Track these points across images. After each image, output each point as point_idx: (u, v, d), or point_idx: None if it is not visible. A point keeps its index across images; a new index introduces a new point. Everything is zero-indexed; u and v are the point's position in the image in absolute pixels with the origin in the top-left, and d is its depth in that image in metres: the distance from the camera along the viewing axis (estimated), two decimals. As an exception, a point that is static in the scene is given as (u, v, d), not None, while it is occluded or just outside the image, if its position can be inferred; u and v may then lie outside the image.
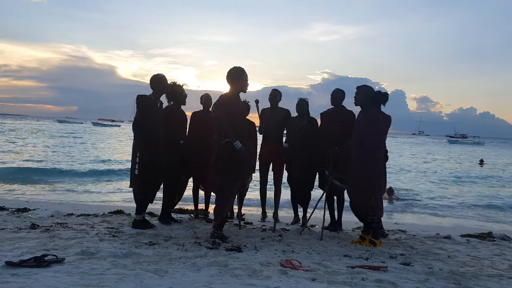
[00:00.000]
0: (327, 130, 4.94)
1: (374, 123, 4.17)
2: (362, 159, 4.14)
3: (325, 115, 5.09)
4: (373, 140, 4.15)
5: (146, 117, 4.32)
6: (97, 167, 13.75)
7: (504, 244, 4.72)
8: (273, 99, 5.41)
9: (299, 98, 5.26)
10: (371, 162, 4.12)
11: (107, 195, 8.85)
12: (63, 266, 2.89)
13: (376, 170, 4.16)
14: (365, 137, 4.15)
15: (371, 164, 4.12)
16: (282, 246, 3.90)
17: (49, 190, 8.84)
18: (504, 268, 3.58)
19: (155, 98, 4.47)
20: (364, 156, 4.13)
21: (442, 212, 8.67)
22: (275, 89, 5.50)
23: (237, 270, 2.98)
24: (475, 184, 15.00)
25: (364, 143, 4.15)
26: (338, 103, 5.01)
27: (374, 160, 4.15)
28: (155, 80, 4.49)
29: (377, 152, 4.19)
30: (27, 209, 5.47)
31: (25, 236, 3.76)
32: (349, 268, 3.21)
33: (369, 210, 4.17)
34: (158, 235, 4.08)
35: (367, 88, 4.35)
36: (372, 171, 4.12)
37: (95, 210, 5.82)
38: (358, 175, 4.17)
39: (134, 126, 4.39)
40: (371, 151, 4.14)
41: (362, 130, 4.20)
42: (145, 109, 4.33)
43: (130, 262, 3.09)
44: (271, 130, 5.39)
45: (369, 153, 4.13)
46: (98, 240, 3.74)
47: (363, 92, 4.32)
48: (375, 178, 4.14)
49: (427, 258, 3.78)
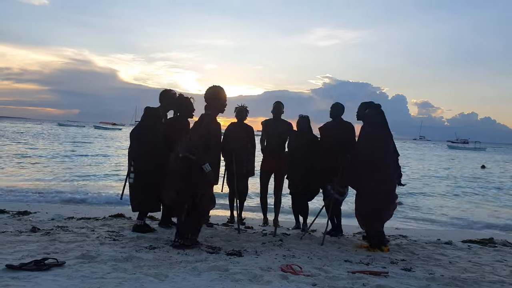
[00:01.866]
0: (327, 144, 4.97)
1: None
2: (392, 169, 4.40)
3: (324, 128, 5.13)
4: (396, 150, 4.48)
5: (148, 128, 4.33)
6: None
7: (505, 250, 4.70)
8: (277, 111, 5.45)
9: (300, 116, 5.24)
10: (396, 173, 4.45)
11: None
12: (64, 270, 2.89)
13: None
14: (393, 147, 4.43)
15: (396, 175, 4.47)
16: (282, 251, 3.89)
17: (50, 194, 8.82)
18: (505, 274, 3.56)
19: (162, 112, 4.49)
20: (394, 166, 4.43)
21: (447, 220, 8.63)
22: (279, 101, 5.55)
23: (237, 274, 2.98)
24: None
25: (393, 153, 4.43)
26: (337, 116, 5.05)
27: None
28: (165, 96, 4.49)
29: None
30: (28, 212, 5.47)
31: (25, 239, 3.76)
32: (349, 273, 3.20)
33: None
34: (158, 239, 4.08)
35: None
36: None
37: (96, 213, 5.82)
38: (388, 186, 4.36)
39: (132, 133, 4.39)
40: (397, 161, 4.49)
41: (388, 142, 4.43)
42: (150, 121, 4.34)
43: (131, 266, 3.09)
44: (274, 141, 5.42)
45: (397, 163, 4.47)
46: (98, 243, 3.74)
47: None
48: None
49: (428, 264, 3.77)
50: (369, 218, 4.32)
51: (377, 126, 4.42)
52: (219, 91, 4.02)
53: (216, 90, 4.01)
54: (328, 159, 4.76)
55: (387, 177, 4.30)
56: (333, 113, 5.05)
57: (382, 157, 4.32)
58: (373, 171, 4.25)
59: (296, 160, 5.11)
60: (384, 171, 4.28)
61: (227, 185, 5.38)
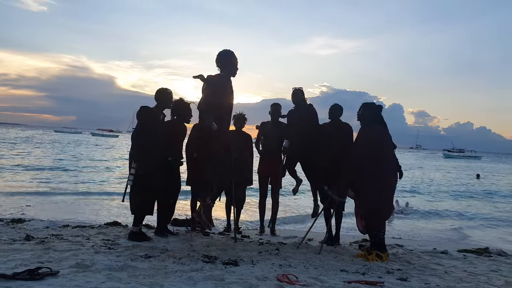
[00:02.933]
0: (326, 143, 4.94)
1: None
2: (393, 174, 4.43)
3: (323, 128, 5.11)
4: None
5: (146, 128, 4.34)
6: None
7: (500, 260, 4.71)
8: (275, 113, 5.44)
9: (294, 88, 5.15)
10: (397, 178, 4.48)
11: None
12: (58, 279, 2.86)
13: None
14: (392, 153, 4.50)
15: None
16: (279, 260, 3.87)
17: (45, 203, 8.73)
18: (500, 284, 3.57)
19: (158, 111, 4.49)
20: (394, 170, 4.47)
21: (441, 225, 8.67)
22: (277, 103, 5.52)
23: (233, 284, 2.96)
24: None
25: (393, 159, 4.48)
26: (335, 118, 5.06)
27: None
28: (161, 94, 4.51)
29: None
30: (22, 220, 5.43)
31: (19, 248, 3.72)
32: (345, 283, 3.19)
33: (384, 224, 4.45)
34: (154, 248, 4.05)
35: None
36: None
37: (91, 221, 5.78)
38: (388, 191, 4.40)
39: (133, 136, 4.40)
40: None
41: (389, 147, 4.50)
42: (146, 120, 4.34)
43: (126, 275, 3.06)
44: (271, 143, 5.40)
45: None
46: (93, 252, 3.71)
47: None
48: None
49: (424, 274, 3.77)
50: (370, 217, 4.32)
51: (373, 124, 4.46)
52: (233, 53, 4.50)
53: (231, 52, 4.49)
54: (326, 159, 4.78)
55: (384, 174, 4.33)
56: (331, 115, 5.07)
57: (379, 155, 4.34)
58: (371, 168, 4.28)
59: (298, 143, 5.04)
60: (381, 168, 4.31)
61: (224, 193, 5.37)
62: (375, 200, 4.27)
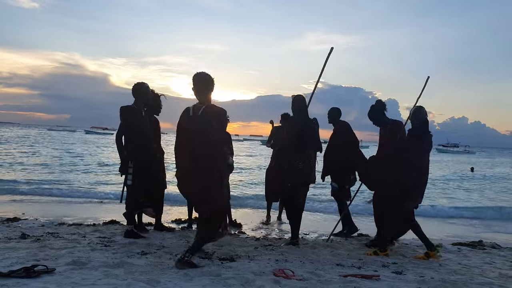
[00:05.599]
0: (334, 146, 5.16)
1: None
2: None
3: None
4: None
5: (131, 127, 4.31)
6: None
7: (494, 253, 4.77)
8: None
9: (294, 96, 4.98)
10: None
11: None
12: (54, 277, 2.86)
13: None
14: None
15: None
16: (275, 256, 3.89)
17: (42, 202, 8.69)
18: (494, 276, 3.62)
19: (137, 107, 4.41)
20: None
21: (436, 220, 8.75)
22: (287, 113, 5.66)
23: (230, 279, 2.98)
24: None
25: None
26: (334, 120, 5.26)
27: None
28: (137, 89, 4.43)
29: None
30: (18, 219, 5.41)
31: (15, 246, 3.71)
32: (341, 277, 3.22)
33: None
34: (150, 245, 4.05)
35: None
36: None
37: (87, 219, 5.77)
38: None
39: (117, 138, 4.38)
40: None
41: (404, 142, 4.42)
42: (128, 119, 4.31)
43: (122, 272, 3.06)
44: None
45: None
46: (89, 249, 3.71)
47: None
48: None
49: (419, 267, 3.80)
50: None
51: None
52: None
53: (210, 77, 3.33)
54: (334, 161, 5.03)
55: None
56: (331, 119, 5.27)
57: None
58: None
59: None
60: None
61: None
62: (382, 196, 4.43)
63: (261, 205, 7.95)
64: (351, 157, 5.03)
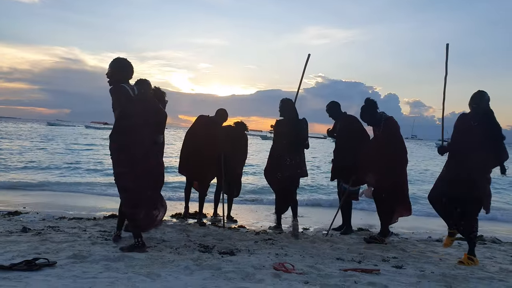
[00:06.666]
0: (342, 143, 5.09)
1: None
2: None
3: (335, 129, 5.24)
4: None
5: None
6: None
7: (494, 247, 4.78)
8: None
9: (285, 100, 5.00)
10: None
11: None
12: (55, 270, 2.87)
13: None
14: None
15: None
16: (275, 250, 3.90)
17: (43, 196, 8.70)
18: (494, 270, 3.63)
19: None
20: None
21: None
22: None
23: (230, 273, 2.98)
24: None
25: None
26: (335, 115, 5.17)
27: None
28: (141, 85, 4.31)
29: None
30: (19, 212, 5.42)
31: (16, 240, 3.72)
32: (341, 271, 3.23)
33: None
34: (151, 239, 4.06)
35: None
36: None
37: (88, 213, 5.78)
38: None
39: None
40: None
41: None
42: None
43: (123, 265, 3.07)
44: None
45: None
46: (90, 243, 3.72)
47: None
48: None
49: (419, 261, 3.81)
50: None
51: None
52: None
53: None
54: (344, 158, 4.95)
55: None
56: (331, 113, 5.19)
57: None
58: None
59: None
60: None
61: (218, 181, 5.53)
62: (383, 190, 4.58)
63: (261, 202, 7.98)
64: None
